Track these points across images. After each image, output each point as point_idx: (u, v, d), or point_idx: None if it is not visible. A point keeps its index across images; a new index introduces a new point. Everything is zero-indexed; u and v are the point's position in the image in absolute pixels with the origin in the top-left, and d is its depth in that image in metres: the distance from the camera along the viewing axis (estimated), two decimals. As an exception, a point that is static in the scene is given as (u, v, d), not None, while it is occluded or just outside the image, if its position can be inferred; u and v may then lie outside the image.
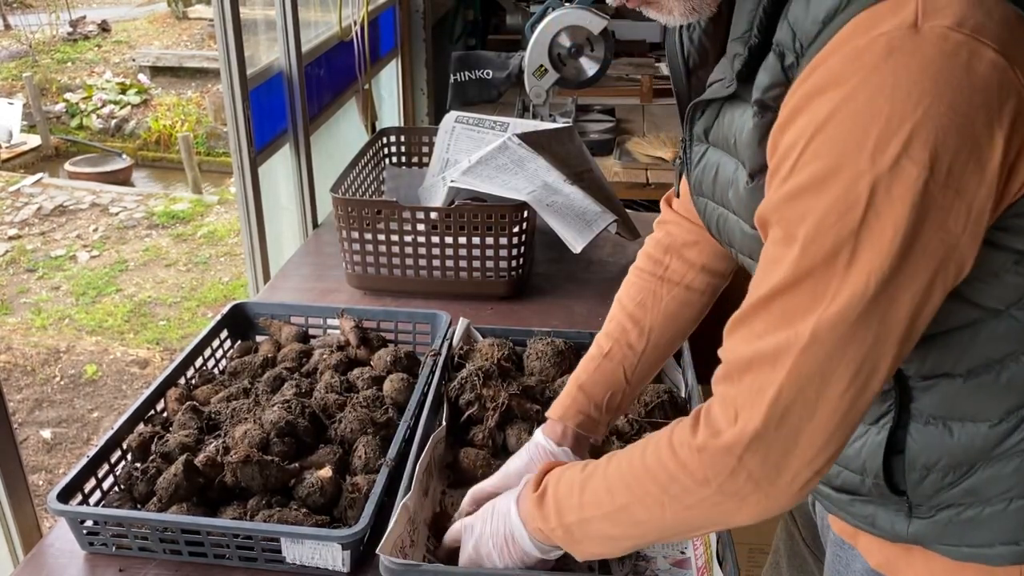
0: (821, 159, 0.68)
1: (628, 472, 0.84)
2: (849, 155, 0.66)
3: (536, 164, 1.75)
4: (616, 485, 0.85)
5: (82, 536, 1.11)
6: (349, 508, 1.12)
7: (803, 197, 0.70)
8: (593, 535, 0.88)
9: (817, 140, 0.68)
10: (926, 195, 0.65)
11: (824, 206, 0.68)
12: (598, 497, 0.86)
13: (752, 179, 0.81)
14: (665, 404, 1.28)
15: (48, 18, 12.76)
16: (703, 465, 0.76)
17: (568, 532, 0.89)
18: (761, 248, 0.81)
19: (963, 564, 0.89)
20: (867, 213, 0.67)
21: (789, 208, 0.71)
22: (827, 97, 0.67)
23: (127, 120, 10.31)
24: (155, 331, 5.30)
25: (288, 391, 1.33)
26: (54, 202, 7.28)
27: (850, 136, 0.66)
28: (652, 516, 0.82)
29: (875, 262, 0.67)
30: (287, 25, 2.12)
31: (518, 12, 3.87)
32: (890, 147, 0.65)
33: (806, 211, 0.69)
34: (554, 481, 0.92)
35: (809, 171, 0.69)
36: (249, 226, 1.99)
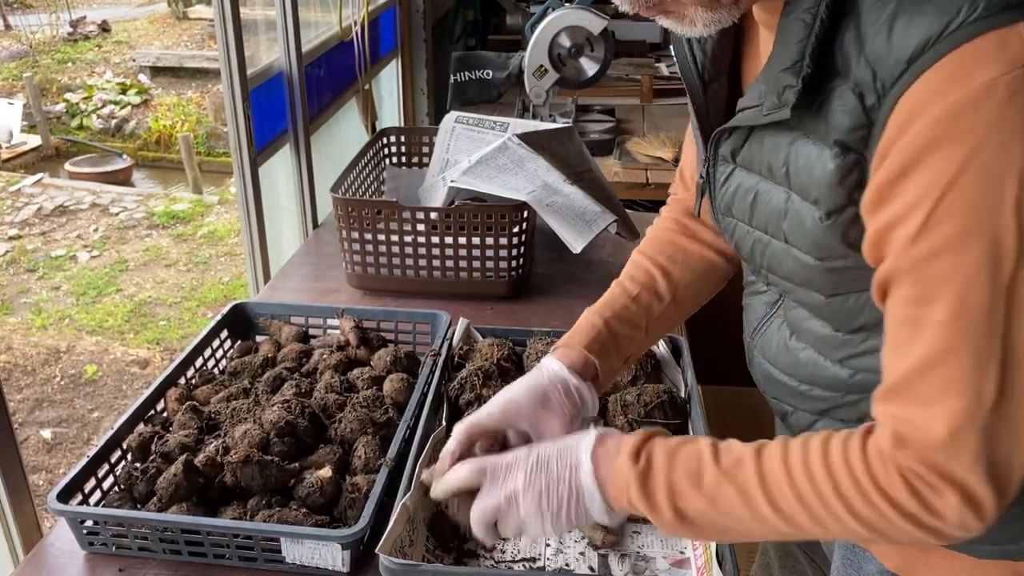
0: (958, 217, 0.66)
1: (810, 492, 0.76)
2: (990, 211, 0.65)
3: (536, 164, 1.75)
4: (785, 499, 0.77)
5: (82, 536, 1.11)
6: (349, 508, 1.12)
7: (943, 257, 0.68)
8: (723, 527, 0.81)
9: (949, 197, 0.66)
10: None
11: (969, 265, 0.66)
12: (747, 502, 0.78)
13: (828, 217, 0.79)
14: (665, 404, 1.28)
15: (48, 18, 12.77)
16: (934, 524, 0.73)
17: (681, 516, 0.81)
18: (824, 277, 0.82)
19: (986, 561, 0.89)
20: (1019, 269, 0.65)
21: (927, 268, 0.69)
22: (951, 151, 0.65)
23: (127, 120, 10.32)
24: (155, 331, 5.30)
25: (288, 391, 1.33)
26: (54, 202, 7.28)
27: (988, 191, 0.65)
28: (830, 531, 0.78)
29: None
30: (287, 25, 2.12)
31: (518, 12, 3.87)
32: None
33: (950, 272, 0.67)
34: (663, 457, 0.82)
35: (945, 231, 0.67)
36: (249, 226, 1.99)
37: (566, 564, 1.10)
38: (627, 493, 0.83)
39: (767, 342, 1.01)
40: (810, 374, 0.95)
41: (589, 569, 1.09)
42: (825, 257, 0.83)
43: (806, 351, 0.95)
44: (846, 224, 0.78)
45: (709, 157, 0.93)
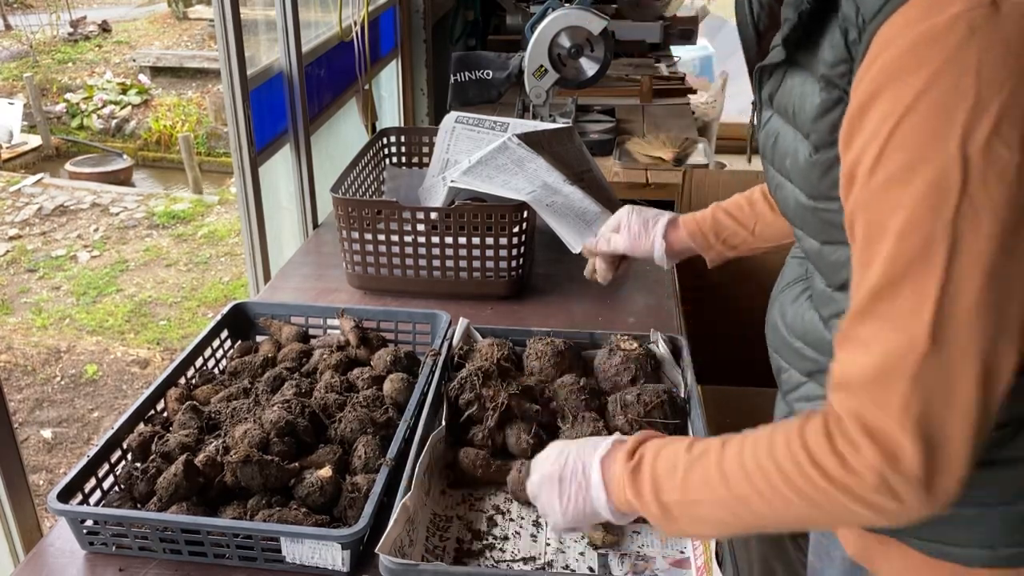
0: (907, 149, 0.66)
1: (753, 466, 0.79)
2: (937, 142, 0.65)
3: (536, 164, 1.75)
4: (736, 476, 0.80)
5: (82, 536, 1.11)
6: (349, 508, 1.12)
7: (892, 190, 0.68)
8: (697, 518, 0.84)
9: (902, 128, 0.66)
10: (1022, 177, 0.64)
11: (915, 198, 0.66)
12: (709, 483, 0.82)
13: (816, 151, 0.80)
14: (665, 404, 1.28)
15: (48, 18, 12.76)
16: (847, 479, 0.73)
17: (664, 509, 0.85)
18: (816, 220, 0.83)
19: (936, 561, 0.89)
20: (962, 201, 0.64)
21: (878, 202, 0.69)
22: (908, 82, 0.65)
23: (127, 120, 10.32)
24: (155, 331, 5.30)
25: (288, 391, 1.33)
26: (55, 202, 7.28)
27: (936, 122, 0.65)
28: (773, 510, 0.79)
29: (977, 253, 0.65)
30: (287, 25, 2.12)
31: (518, 12, 3.88)
32: (979, 131, 0.63)
33: (896, 204, 0.67)
34: (651, 455, 0.87)
35: (896, 162, 0.67)
36: (249, 226, 1.99)
37: (566, 564, 1.10)
38: (623, 491, 0.88)
39: (787, 298, 1.03)
40: (804, 330, 0.97)
41: (589, 569, 1.09)
42: (815, 197, 0.84)
43: (809, 309, 0.97)
44: (830, 163, 0.78)
45: (756, 100, 0.95)
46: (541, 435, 1.29)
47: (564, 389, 1.33)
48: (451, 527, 1.16)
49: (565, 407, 1.31)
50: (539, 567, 1.09)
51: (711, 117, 4.59)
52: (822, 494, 0.74)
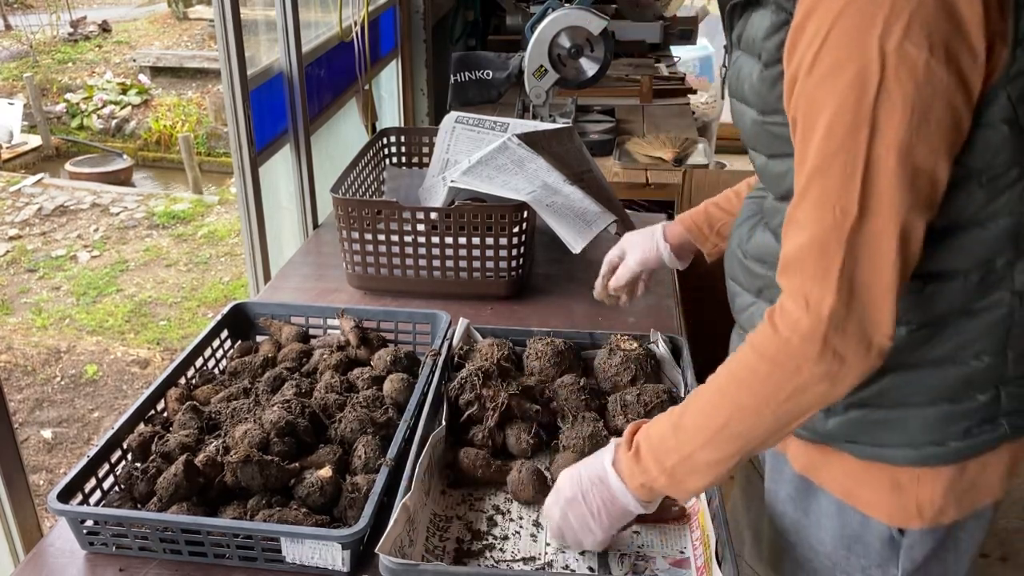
0: (836, 50, 0.77)
1: (717, 394, 0.90)
2: (859, 44, 0.76)
3: (536, 164, 1.75)
4: (708, 411, 0.90)
5: (82, 536, 1.11)
6: (349, 508, 1.12)
7: (823, 85, 0.79)
8: (697, 468, 0.93)
9: (832, 34, 0.77)
10: (928, 72, 0.75)
11: (841, 90, 0.77)
12: (695, 430, 0.91)
13: (765, 68, 0.90)
14: (665, 404, 1.28)
15: (49, 18, 12.76)
16: (792, 355, 0.83)
17: (671, 475, 0.94)
18: (764, 134, 0.93)
19: (869, 464, 1.00)
20: (880, 93, 0.76)
21: (812, 97, 0.80)
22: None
23: (128, 120, 10.32)
24: (155, 331, 5.30)
25: (288, 391, 1.33)
26: (55, 202, 7.28)
27: (859, 28, 0.76)
28: (751, 424, 0.88)
29: (893, 137, 0.76)
30: (287, 26, 2.12)
31: (518, 13, 3.88)
32: (893, 34, 0.75)
33: (827, 97, 0.78)
34: (644, 435, 0.97)
35: (826, 62, 0.78)
36: (249, 226, 1.99)
37: (566, 564, 1.10)
38: (636, 479, 0.97)
39: (743, 229, 1.12)
40: (758, 251, 1.06)
41: (589, 569, 1.09)
42: (764, 112, 0.93)
43: (763, 232, 1.06)
44: (776, 78, 0.89)
45: (727, 44, 1.05)
46: (541, 435, 1.30)
47: (564, 389, 1.33)
48: (451, 527, 1.16)
49: (565, 407, 1.31)
50: (539, 567, 1.09)
51: (711, 117, 4.59)
52: (776, 384, 0.85)
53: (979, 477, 0.98)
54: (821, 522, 1.08)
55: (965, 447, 0.96)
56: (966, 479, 0.98)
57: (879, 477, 1.00)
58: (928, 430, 0.95)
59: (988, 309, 0.90)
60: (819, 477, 1.06)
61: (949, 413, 0.94)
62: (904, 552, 1.03)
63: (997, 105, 0.80)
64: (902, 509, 1.00)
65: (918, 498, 0.98)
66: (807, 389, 0.84)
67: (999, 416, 0.95)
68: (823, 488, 1.06)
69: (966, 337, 0.91)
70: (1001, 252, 0.88)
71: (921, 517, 1.00)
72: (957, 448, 0.96)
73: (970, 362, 0.92)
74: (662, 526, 1.16)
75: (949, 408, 0.94)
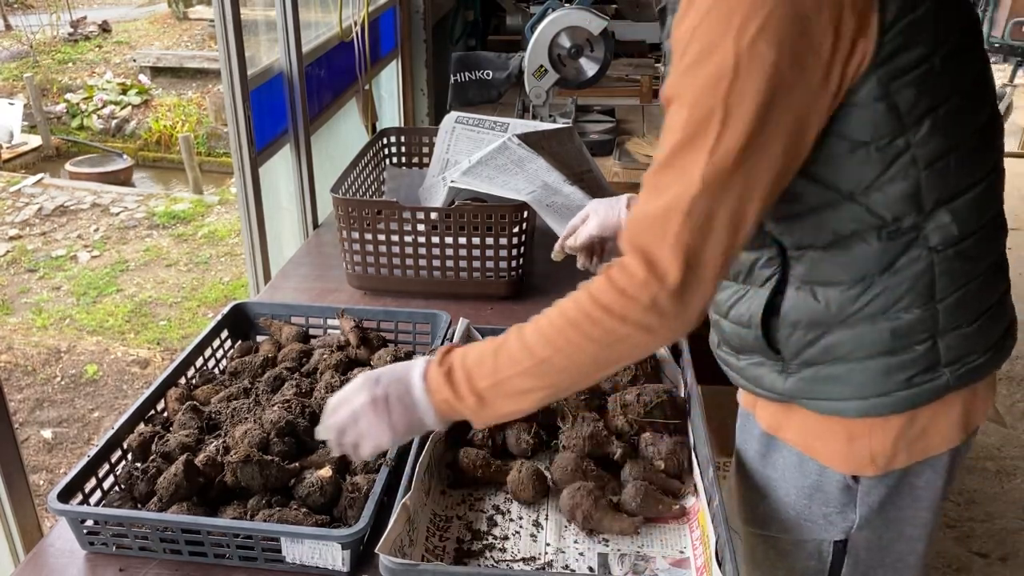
0: (702, 41, 0.87)
1: (548, 328, 0.97)
2: (720, 38, 0.85)
3: (536, 164, 1.75)
4: (536, 343, 0.97)
5: (82, 536, 1.11)
6: (349, 508, 1.12)
7: (690, 72, 0.88)
8: (507, 394, 0.99)
9: (701, 27, 0.87)
10: (776, 72, 0.84)
11: (703, 78, 0.87)
12: (515, 358, 0.97)
13: (667, 66, 0.98)
14: (665, 404, 1.29)
15: (49, 19, 12.76)
16: (623, 305, 0.91)
17: (480, 397, 0.99)
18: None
19: (826, 418, 1.08)
20: (733, 83, 0.85)
21: (681, 83, 0.89)
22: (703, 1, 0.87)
23: (128, 120, 10.32)
24: (156, 331, 5.30)
25: (288, 391, 1.33)
26: (55, 202, 7.28)
27: (722, 23, 0.85)
28: (573, 362, 0.96)
29: (741, 124, 0.86)
30: (287, 26, 2.12)
31: (518, 13, 3.88)
32: (749, 32, 0.84)
33: (691, 83, 0.88)
34: (460, 356, 1.02)
35: (694, 51, 0.88)
36: (250, 226, 1.99)
37: (566, 564, 1.10)
38: (442, 392, 1.01)
39: None
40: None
41: (589, 569, 1.09)
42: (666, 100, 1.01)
43: None
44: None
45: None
46: (541, 435, 1.30)
47: (564, 389, 1.33)
48: (451, 527, 1.16)
49: (565, 407, 1.31)
50: (539, 567, 1.09)
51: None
52: (603, 328, 0.92)
53: (930, 425, 1.06)
54: (785, 475, 1.16)
55: (910, 396, 1.03)
56: (916, 427, 1.06)
57: (835, 430, 1.08)
58: (873, 382, 1.03)
59: (907, 266, 0.98)
60: (782, 433, 1.15)
61: (889, 365, 1.02)
62: (860, 498, 1.12)
63: (867, 87, 0.89)
64: (856, 458, 1.08)
65: (871, 447, 1.07)
66: (628, 338, 0.93)
67: (939, 366, 1.03)
68: (786, 443, 1.15)
69: (893, 293, 0.99)
70: (906, 213, 0.96)
71: (874, 465, 1.08)
72: (903, 397, 1.04)
73: (901, 315, 1.00)
74: (662, 526, 1.17)
75: (888, 360, 1.02)
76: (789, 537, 1.19)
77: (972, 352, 1.04)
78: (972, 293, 1.02)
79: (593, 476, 1.19)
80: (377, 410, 1.04)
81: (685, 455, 1.24)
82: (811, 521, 1.16)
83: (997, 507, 2.83)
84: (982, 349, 1.05)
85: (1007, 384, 3.52)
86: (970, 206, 0.98)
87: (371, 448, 1.06)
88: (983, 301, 1.04)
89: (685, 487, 1.22)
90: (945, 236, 0.98)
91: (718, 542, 1.00)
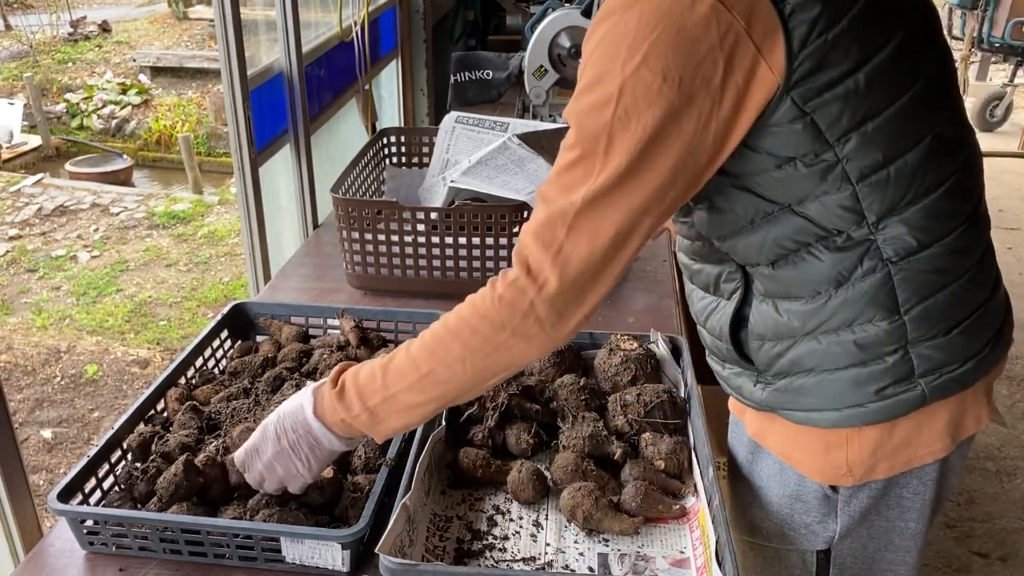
0: (594, 67, 0.90)
1: (431, 341, 0.99)
2: (608, 64, 0.88)
3: (536, 164, 1.75)
4: (420, 356, 0.99)
5: (82, 536, 1.11)
6: (349, 508, 1.12)
7: (581, 97, 0.91)
8: (397, 409, 1.01)
9: (595, 54, 0.91)
10: (660, 97, 0.86)
11: (591, 102, 0.90)
12: (402, 373, 0.99)
13: None
14: (665, 404, 1.28)
15: (49, 18, 12.75)
16: (501, 312, 0.93)
17: (372, 414, 1.01)
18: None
19: (803, 428, 1.08)
20: (617, 108, 0.88)
21: (574, 107, 0.92)
22: (603, 24, 0.90)
23: (128, 120, 10.31)
24: (155, 331, 5.30)
25: (288, 391, 1.33)
26: (55, 202, 7.28)
27: (611, 51, 0.88)
28: (454, 373, 0.98)
29: (624, 147, 0.88)
30: (287, 25, 2.12)
31: (518, 12, 3.87)
32: (634, 59, 0.87)
33: (581, 107, 0.91)
34: (352, 375, 1.04)
35: (587, 77, 0.91)
36: (249, 226, 1.99)
37: (566, 564, 1.10)
38: (336, 415, 1.03)
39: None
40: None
41: (589, 569, 1.09)
42: None
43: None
44: None
45: None
46: (541, 435, 1.30)
47: (564, 389, 1.33)
48: (451, 527, 1.16)
49: (565, 407, 1.31)
50: (539, 567, 1.09)
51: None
52: (482, 337, 0.95)
53: (913, 436, 1.05)
54: (768, 483, 1.17)
55: (884, 407, 1.03)
56: (897, 437, 1.05)
57: (812, 440, 1.09)
58: (844, 394, 1.03)
59: (862, 277, 0.98)
60: (765, 441, 1.16)
61: (859, 376, 1.02)
62: (840, 507, 1.12)
63: (782, 109, 0.90)
64: (832, 468, 1.08)
65: (848, 457, 1.07)
66: (506, 346, 0.95)
67: (913, 377, 1.02)
68: (769, 451, 1.16)
69: (853, 306, 0.99)
70: (849, 225, 0.96)
71: (852, 475, 1.08)
72: (876, 408, 1.03)
73: (865, 327, 1.00)
74: (662, 526, 1.17)
75: (858, 371, 1.02)
76: (774, 546, 1.20)
77: (950, 362, 1.02)
78: (943, 303, 0.99)
79: (593, 476, 1.19)
80: (288, 458, 1.06)
81: (685, 455, 1.24)
82: (793, 530, 1.17)
83: (997, 507, 2.83)
84: (961, 359, 1.02)
85: (1007, 384, 3.52)
86: (926, 215, 0.96)
87: (299, 486, 1.09)
88: (959, 310, 1.01)
89: (685, 487, 1.22)
90: (901, 247, 0.96)
91: (718, 542, 1.00)
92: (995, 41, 6.41)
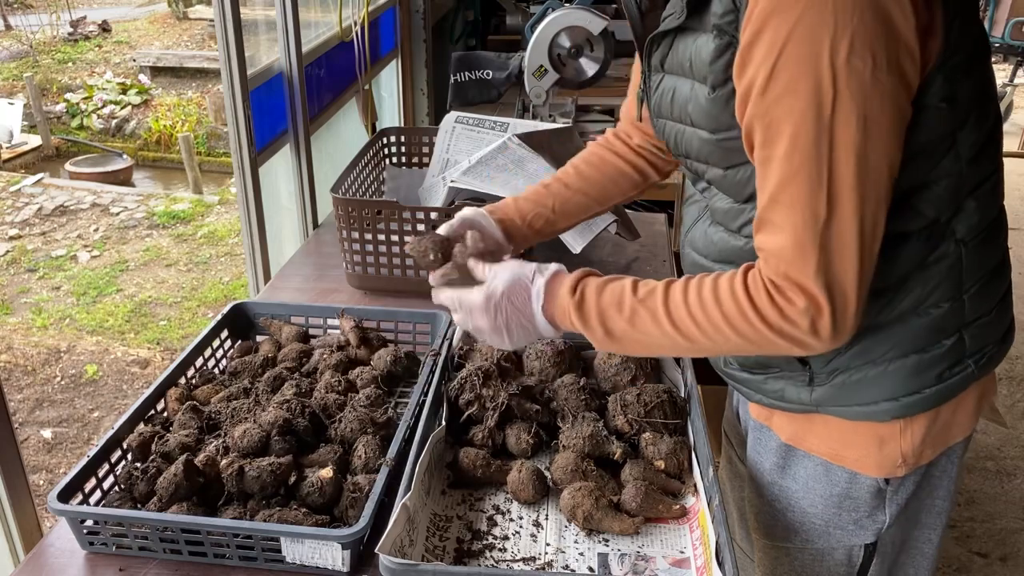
0: (790, 69, 0.85)
1: (699, 310, 0.97)
2: (812, 61, 0.83)
3: (536, 164, 1.75)
4: (682, 318, 0.98)
5: (82, 536, 1.11)
6: (349, 508, 1.12)
7: (782, 102, 0.86)
8: (642, 345, 1.03)
9: (784, 55, 0.85)
10: (875, 81, 0.83)
11: (801, 106, 0.85)
12: (657, 321, 0.99)
13: (714, 90, 0.96)
14: (664, 404, 1.28)
15: (49, 18, 12.76)
16: (783, 325, 0.92)
17: (610, 334, 1.03)
18: (719, 150, 1.01)
19: (855, 423, 1.08)
20: (835, 106, 0.84)
21: (773, 111, 0.87)
22: (783, 18, 0.84)
23: (128, 120, 10.32)
24: (155, 331, 5.30)
25: (288, 391, 1.33)
26: (55, 202, 7.28)
27: (810, 47, 0.83)
28: (716, 346, 0.98)
29: (850, 143, 0.85)
30: (287, 25, 2.12)
31: (518, 12, 3.88)
32: (841, 51, 0.82)
33: (789, 110, 0.86)
34: (594, 291, 1.04)
35: (783, 80, 0.85)
36: (249, 226, 1.99)
37: (566, 564, 1.10)
38: (568, 317, 1.05)
39: (695, 235, 1.18)
40: (719, 250, 1.12)
41: (589, 569, 1.09)
42: (716, 130, 0.99)
43: (717, 231, 1.12)
44: (727, 96, 0.95)
45: (645, 69, 1.12)
46: (541, 435, 1.30)
47: (564, 389, 1.33)
48: (451, 527, 1.16)
49: (565, 407, 1.31)
50: (539, 567, 1.09)
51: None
52: (763, 336, 0.94)
53: (952, 418, 1.08)
54: (809, 485, 1.15)
55: (939, 391, 1.05)
56: (940, 421, 1.08)
57: (865, 435, 1.08)
58: (906, 381, 1.04)
59: (938, 261, 0.99)
60: (804, 443, 1.14)
61: (921, 362, 1.03)
62: (889, 498, 1.12)
63: (935, 87, 0.89)
64: (889, 461, 1.09)
65: (902, 448, 1.07)
66: (779, 347, 0.95)
67: (965, 357, 1.04)
68: (808, 453, 1.14)
69: (924, 289, 1.00)
70: (944, 209, 0.97)
71: (905, 465, 1.09)
72: (932, 393, 1.05)
73: (931, 311, 1.01)
74: (662, 526, 1.17)
75: (920, 357, 1.03)
76: (816, 546, 1.18)
77: (990, 341, 1.06)
78: (993, 280, 1.03)
79: (593, 476, 1.19)
80: (500, 333, 1.10)
81: (685, 455, 1.24)
82: (840, 528, 1.15)
83: (997, 507, 2.83)
84: (998, 338, 1.07)
85: (1007, 384, 3.52)
86: (990, 192, 0.99)
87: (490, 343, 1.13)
88: (998, 289, 1.06)
89: (685, 487, 1.22)
90: (970, 226, 0.98)
91: (718, 542, 1.00)
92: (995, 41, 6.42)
